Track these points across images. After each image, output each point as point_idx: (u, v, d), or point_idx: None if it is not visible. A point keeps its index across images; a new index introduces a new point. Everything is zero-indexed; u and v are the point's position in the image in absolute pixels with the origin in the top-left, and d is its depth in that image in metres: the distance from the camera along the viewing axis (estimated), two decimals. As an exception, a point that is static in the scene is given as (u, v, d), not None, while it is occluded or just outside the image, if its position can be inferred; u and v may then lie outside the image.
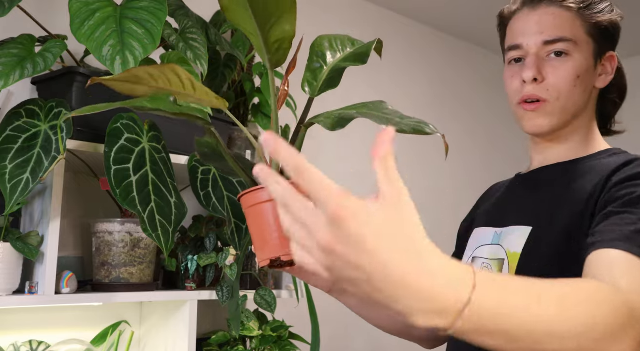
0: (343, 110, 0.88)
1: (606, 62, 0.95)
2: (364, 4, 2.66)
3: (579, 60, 0.89)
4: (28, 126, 1.25)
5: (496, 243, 0.93)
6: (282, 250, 0.78)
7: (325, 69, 0.99)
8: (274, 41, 0.81)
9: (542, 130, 0.92)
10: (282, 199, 0.47)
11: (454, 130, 2.96)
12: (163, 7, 1.22)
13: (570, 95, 0.89)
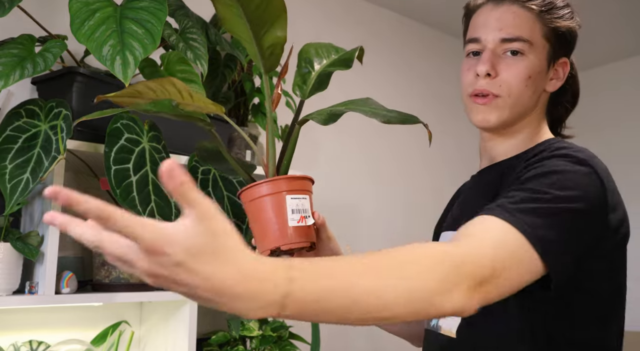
0: (333, 107, 0.95)
1: (559, 67, 0.95)
2: (359, 1, 2.66)
3: (532, 61, 0.91)
4: (28, 126, 1.25)
5: None
6: (281, 240, 0.85)
7: (313, 73, 1.06)
8: (267, 47, 0.87)
9: (490, 124, 0.94)
10: (95, 243, 0.48)
11: (455, 128, 2.96)
12: (163, 7, 1.22)
13: (520, 94, 0.91)
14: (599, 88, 3.50)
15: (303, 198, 0.90)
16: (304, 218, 0.88)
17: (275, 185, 0.88)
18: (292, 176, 0.91)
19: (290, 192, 0.88)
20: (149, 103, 0.90)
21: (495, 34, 0.91)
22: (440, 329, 0.93)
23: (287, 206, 0.87)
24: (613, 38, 3.09)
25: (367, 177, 2.50)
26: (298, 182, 0.90)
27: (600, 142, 3.45)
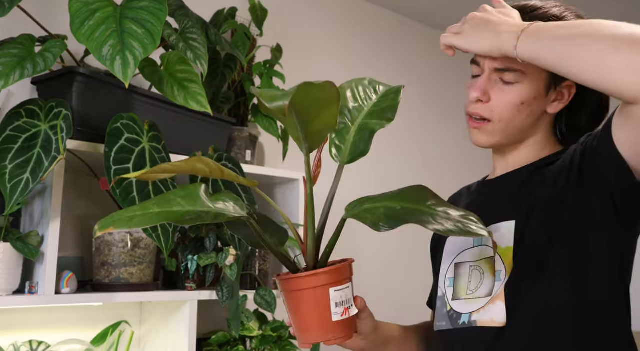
0: (388, 204, 0.81)
1: (564, 90, 0.97)
2: (360, 2, 2.66)
3: (526, 88, 0.94)
4: (28, 126, 1.25)
5: (479, 245, 0.98)
6: (324, 336, 0.83)
7: (352, 128, 0.95)
8: (313, 132, 0.80)
9: (482, 145, 1.00)
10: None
11: (456, 128, 2.96)
12: (163, 7, 1.22)
13: (511, 119, 0.95)
14: (599, 89, 3.49)
15: (346, 287, 0.85)
16: (347, 309, 0.85)
17: (319, 279, 0.83)
18: (337, 267, 0.84)
19: (334, 284, 0.83)
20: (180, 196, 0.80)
21: (491, 63, 0.95)
22: (477, 323, 0.93)
23: (331, 300, 0.82)
24: (613, 38, 3.09)
25: (367, 177, 2.50)
26: (342, 272, 0.85)
27: (601, 142, 3.45)
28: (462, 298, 0.97)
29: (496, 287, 0.92)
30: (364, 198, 0.86)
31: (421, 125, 2.81)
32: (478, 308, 0.93)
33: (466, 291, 0.97)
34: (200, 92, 1.34)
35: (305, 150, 0.83)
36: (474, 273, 0.96)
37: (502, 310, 0.90)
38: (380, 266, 2.48)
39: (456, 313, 0.97)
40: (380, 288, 2.45)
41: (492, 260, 0.94)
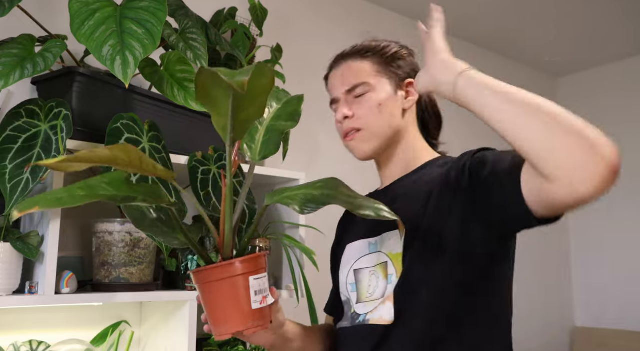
0: (306, 191, 0.90)
1: (408, 87, 1.12)
2: (360, 2, 2.66)
3: (378, 94, 1.07)
4: (28, 126, 1.25)
5: (375, 251, 1.06)
6: (243, 324, 0.84)
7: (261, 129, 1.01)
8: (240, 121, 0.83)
9: (367, 154, 1.10)
10: None
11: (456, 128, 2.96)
12: (163, 7, 1.22)
13: (377, 121, 1.07)
14: (599, 88, 3.50)
15: (264, 277, 0.87)
16: (265, 298, 0.87)
17: (238, 267, 0.84)
18: (255, 256, 0.87)
19: (253, 273, 0.85)
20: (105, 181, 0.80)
21: (340, 90, 1.10)
22: (369, 321, 1.01)
23: (251, 288, 0.84)
24: (613, 38, 3.09)
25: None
26: (259, 261, 0.87)
27: (601, 142, 3.46)
28: (363, 301, 1.05)
29: (388, 289, 0.99)
30: (282, 189, 0.92)
31: (421, 125, 2.81)
32: (372, 309, 1.02)
33: (366, 294, 1.04)
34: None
35: (230, 140, 0.85)
36: (372, 278, 1.04)
37: (391, 310, 0.97)
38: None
39: (357, 314, 1.05)
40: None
41: (385, 265, 1.02)
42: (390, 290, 0.99)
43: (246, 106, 0.81)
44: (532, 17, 2.85)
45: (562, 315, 3.37)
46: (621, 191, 3.37)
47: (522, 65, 3.45)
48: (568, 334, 3.36)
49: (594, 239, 3.41)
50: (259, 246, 1.70)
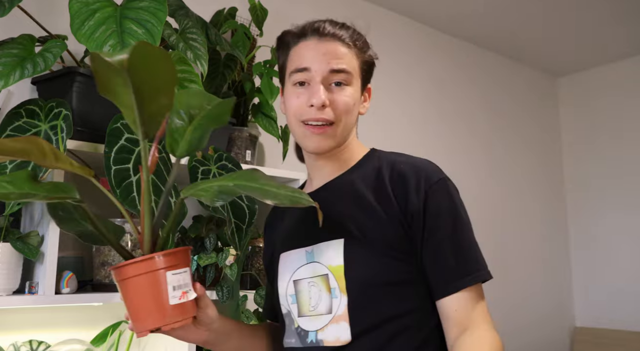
0: (221, 182, 0.88)
1: (367, 92, 1.09)
2: (360, 2, 2.66)
3: (353, 91, 1.02)
4: (28, 126, 1.25)
5: (312, 261, 1.00)
6: (161, 320, 0.85)
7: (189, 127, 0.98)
8: (149, 114, 0.81)
9: (325, 150, 1.02)
10: None
11: (456, 128, 2.96)
12: (163, 7, 1.22)
13: (347, 120, 1.01)
14: (599, 88, 3.50)
15: (184, 271, 0.86)
16: (186, 293, 0.85)
17: (155, 262, 0.83)
18: (172, 251, 0.86)
19: (171, 268, 0.84)
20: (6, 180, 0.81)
21: (325, 66, 0.99)
22: (323, 343, 0.96)
23: (168, 283, 0.83)
24: (613, 38, 3.09)
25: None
26: (178, 257, 0.86)
27: (601, 142, 3.46)
28: (306, 315, 0.99)
29: (334, 304, 0.95)
30: (200, 181, 0.91)
31: (421, 126, 2.81)
32: (322, 326, 0.96)
33: (309, 307, 0.99)
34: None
35: (142, 134, 0.84)
36: (312, 290, 0.99)
37: (347, 329, 0.93)
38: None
39: (304, 331, 0.99)
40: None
41: (326, 278, 0.97)
42: (337, 305, 0.95)
43: (153, 97, 0.78)
44: (532, 17, 2.85)
45: (562, 315, 3.37)
46: (621, 191, 3.37)
47: (522, 65, 3.45)
48: (568, 334, 3.36)
49: (594, 239, 3.41)
50: (258, 246, 1.70)
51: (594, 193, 3.44)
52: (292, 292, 1.02)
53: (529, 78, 3.50)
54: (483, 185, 3.05)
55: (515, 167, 3.27)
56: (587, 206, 3.46)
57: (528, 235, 3.25)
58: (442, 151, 2.86)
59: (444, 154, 2.87)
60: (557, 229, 3.45)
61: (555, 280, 3.37)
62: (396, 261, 0.94)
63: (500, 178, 3.16)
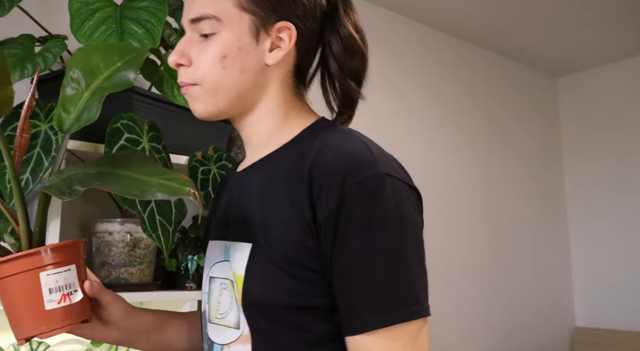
0: (77, 171, 0.73)
1: (282, 33, 0.79)
2: (360, 2, 2.66)
3: (226, 39, 0.77)
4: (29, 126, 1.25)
5: (226, 260, 0.81)
6: (36, 328, 0.72)
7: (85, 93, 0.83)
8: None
9: (200, 115, 0.82)
10: None
11: (454, 128, 2.96)
12: (163, 7, 1.22)
13: (218, 78, 0.78)
14: (599, 88, 3.50)
15: (66, 270, 0.73)
16: (67, 295, 0.73)
17: (24, 262, 0.71)
18: (47, 247, 0.73)
19: (46, 268, 0.71)
20: None
21: (186, 16, 0.80)
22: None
23: (43, 285, 0.71)
24: (613, 38, 3.09)
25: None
26: (58, 253, 0.73)
27: (601, 142, 3.46)
28: (214, 322, 0.82)
29: (242, 321, 0.77)
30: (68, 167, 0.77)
31: (420, 126, 2.81)
32: (229, 342, 0.79)
33: (216, 314, 0.82)
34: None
35: None
36: (223, 294, 0.81)
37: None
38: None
39: (210, 341, 0.83)
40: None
41: (233, 286, 0.78)
42: (244, 323, 0.76)
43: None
44: (532, 16, 2.85)
45: (562, 315, 3.37)
46: (621, 191, 3.37)
47: (522, 65, 3.45)
48: (568, 334, 3.36)
49: (594, 239, 3.41)
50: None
51: (594, 193, 3.44)
52: (207, 290, 0.85)
53: (529, 78, 3.50)
54: (483, 185, 3.05)
55: (515, 167, 3.27)
56: (587, 206, 3.46)
57: (528, 235, 3.25)
58: (441, 151, 2.86)
59: (444, 154, 2.87)
60: (557, 229, 3.46)
61: (555, 280, 3.37)
62: (304, 282, 0.71)
63: (500, 178, 3.16)
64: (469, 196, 2.94)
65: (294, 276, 0.72)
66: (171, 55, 0.80)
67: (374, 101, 2.66)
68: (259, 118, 0.83)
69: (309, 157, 0.74)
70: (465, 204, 2.91)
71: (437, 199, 2.77)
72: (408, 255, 0.69)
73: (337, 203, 0.69)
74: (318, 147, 0.75)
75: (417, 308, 0.68)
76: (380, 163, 0.71)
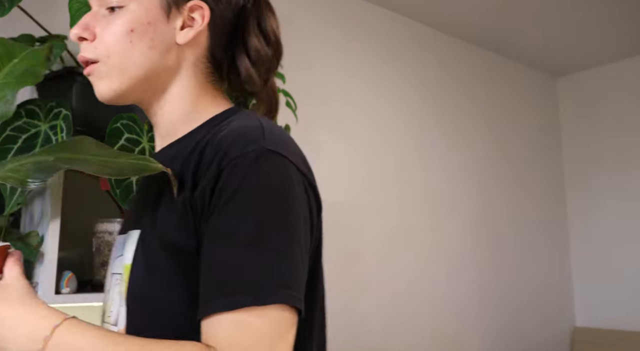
0: (39, 158, 0.70)
1: (194, 12, 0.75)
2: (360, 2, 2.66)
3: (134, 12, 0.72)
4: (28, 126, 1.25)
5: (120, 255, 0.76)
6: None
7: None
8: None
9: (106, 96, 0.75)
10: None
11: (453, 128, 2.96)
12: (163, 7, 1.22)
13: (124, 52, 0.72)
14: (599, 88, 3.50)
15: None
16: None
17: None
18: None
19: None
20: None
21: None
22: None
23: None
24: (613, 38, 3.09)
25: (366, 176, 2.50)
26: None
27: (601, 142, 3.46)
28: (105, 322, 0.76)
29: (121, 316, 0.71)
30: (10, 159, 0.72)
31: (419, 126, 2.81)
32: None
33: (108, 313, 0.75)
34: None
35: None
36: (114, 289, 0.75)
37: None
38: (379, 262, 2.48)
39: None
40: (377, 288, 2.45)
41: (122, 277, 0.73)
42: (123, 318, 0.70)
43: None
44: (532, 17, 2.85)
45: (562, 315, 3.37)
46: (622, 191, 3.36)
47: (522, 65, 3.45)
48: (568, 334, 3.36)
49: (594, 239, 3.41)
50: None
51: (594, 193, 3.44)
52: (108, 287, 0.79)
53: (529, 78, 3.50)
54: (483, 185, 3.05)
55: (515, 167, 3.27)
56: (587, 206, 3.46)
57: (528, 235, 3.25)
58: (441, 151, 2.86)
59: (443, 154, 2.87)
60: (557, 229, 3.45)
61: (555, 280, 3.37)
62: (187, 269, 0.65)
63: (500, 177, 3.16)
64: (468, 195, 2.94)
65: (171, 263, 0.65)
66: (73, 29, 0.74)
67: (374, 101, 2.66)
68: (169, 103, 0.77)
69: (204, 139, 0.70)
70: (465, 204, 2.91)
71: (437, 199, 2.77)
72: (277, 238, 0.62)
73: (215, 177, 0.63)
74: (216, 130, 0.71)
75: (282, 293, 0.60)
76: (267, 140, 0.65)
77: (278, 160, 0.65)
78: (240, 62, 0.80)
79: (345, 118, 2.45)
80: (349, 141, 2.46)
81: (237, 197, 0.62)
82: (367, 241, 2.42)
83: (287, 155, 0.66)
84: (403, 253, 2.57)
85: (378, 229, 2.48)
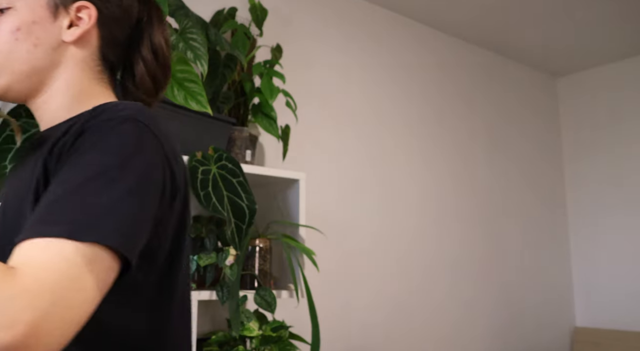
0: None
1: (81, 12, 0.79)
2: (360, 2, 2.66)
3: (21, 12, 0.76)
4: (28, 126, 1.25)
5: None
6: None
7: None
8: None
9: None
10: None
11: (454, 128, 2.96)
12: (163, 7, 1.22)
13: (11, 50, 0.75)
14: (599, 88, 3.50)
15: None
16: None
17: None
18: None
19: None
20: None
21: None
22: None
23: None
24: (613, 38, 3.09)
25: (366, 176, 2.50)
26: None
27: (601, 142, 3.46)
28: None
29: None
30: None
31: (419, 127, 2.81)
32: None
33: None
34: (200, 92, 1.34)
35: None
36: None
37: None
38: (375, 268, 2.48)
39: None
40: (375, 288, 2.45)
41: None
42: None
43: None
44: (532, 17, 2.85)
45: (562, 315, 3.37)
46: (622, 191, 3.36)
47: (522, 65, 3.45)
48: (568, 334, 3.36)
49: (595, 239, 3.41)
50: (258, 246, 1.70)
51: (594, 193, 3.44)
52: None
53: (529, 78, 3.50)
54: (483, 185, 3.05)
55: (515, 167, 3.27)
56: (587, 206, 3.46)
57: (528, 235, 3.25)
58: (441, 151, 2.86)
59: (444, 154, 2.87)
60: (557, 229, 3.46)
61: (555, 280, 3.37)
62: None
63: (500, 177, 3.16)
64: (468, 195, 2.94)
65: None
66: None
67: (374, 101, 2.66)
68: (50, 97, 0.79)
69: (69, 123, 0.71)
70: (465, 203, 2.91)
71: (437, 199, 2.77)
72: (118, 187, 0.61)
73: (76, 134, 0.65)
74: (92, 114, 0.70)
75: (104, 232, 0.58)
76: (139, 114, 0.68)
77: (144, 129, 0.66)
78: (136, 69, 0.84)
79: (345, 119, 2.45)
80: (349, 141, 2.46)
81: (91, 150, 0.63)
82: (367, 241, 2.42)
83: (155, 130, 0.68)
84: (403, 253, 2.57)
85: (378, 229, 2.48)
